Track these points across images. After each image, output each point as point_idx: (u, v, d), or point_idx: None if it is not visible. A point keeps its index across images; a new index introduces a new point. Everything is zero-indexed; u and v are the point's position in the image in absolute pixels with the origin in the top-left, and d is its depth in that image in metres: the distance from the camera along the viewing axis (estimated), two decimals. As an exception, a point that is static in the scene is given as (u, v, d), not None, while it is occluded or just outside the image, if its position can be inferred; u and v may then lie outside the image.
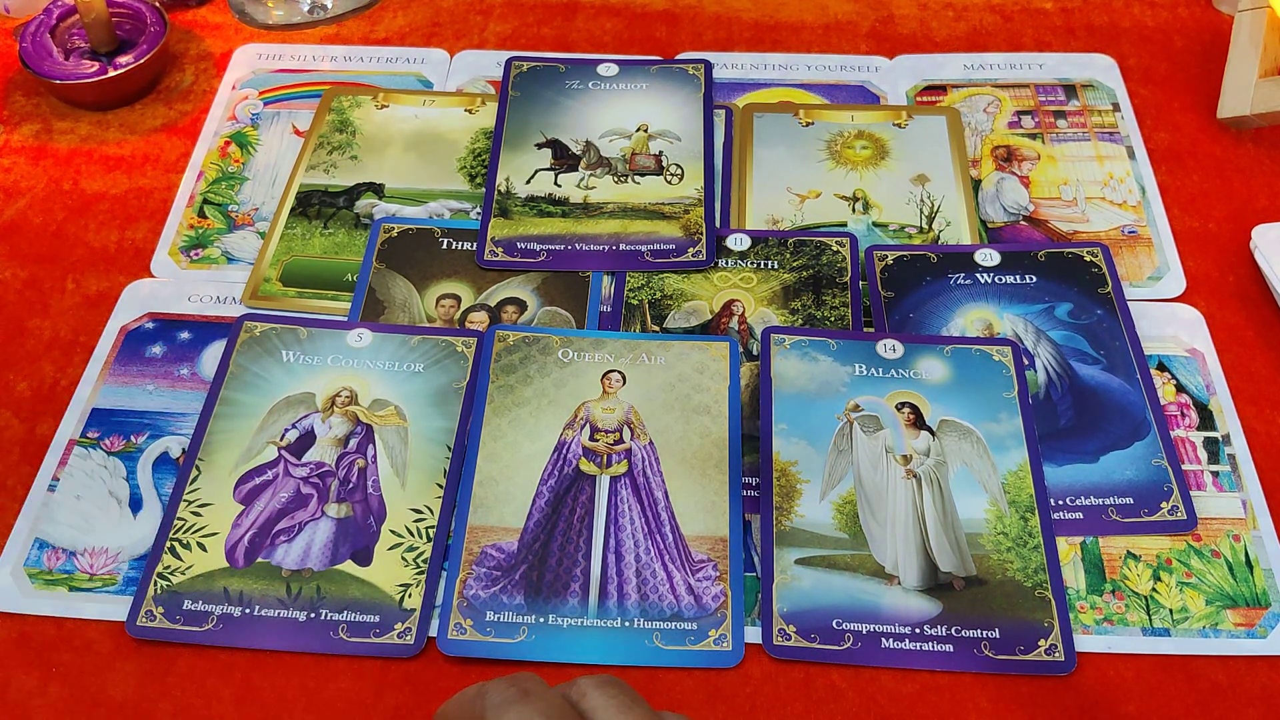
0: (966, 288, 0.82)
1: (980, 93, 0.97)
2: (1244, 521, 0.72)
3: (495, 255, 0.84)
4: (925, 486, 0.72)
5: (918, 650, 0.66)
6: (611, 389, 0.76)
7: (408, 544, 0.70)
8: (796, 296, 0.82)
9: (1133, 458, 0.74)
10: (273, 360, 0.78)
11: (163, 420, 0.76)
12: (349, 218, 0.88)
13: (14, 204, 0.89)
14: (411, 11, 1.04)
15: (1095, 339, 0.79)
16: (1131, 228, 0.87)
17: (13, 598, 0.69)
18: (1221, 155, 0.92)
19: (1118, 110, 0.95)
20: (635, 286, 0.83)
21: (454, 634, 0.66)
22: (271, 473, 0.73)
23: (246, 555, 0.69)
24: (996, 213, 0.88)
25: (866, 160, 0.92)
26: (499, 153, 0.91)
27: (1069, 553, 0.70)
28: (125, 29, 0.98)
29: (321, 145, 0.92)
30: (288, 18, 1.04)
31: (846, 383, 0.76)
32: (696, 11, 1.04)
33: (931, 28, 1.03)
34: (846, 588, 0.68)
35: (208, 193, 0.90)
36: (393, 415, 0.75)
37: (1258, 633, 0.67)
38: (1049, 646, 0.66)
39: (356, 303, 0.82)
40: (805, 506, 0.71)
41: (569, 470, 0.73)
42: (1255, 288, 0.83)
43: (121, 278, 0.84)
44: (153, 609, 0.67)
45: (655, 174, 0.90)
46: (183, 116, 0.96)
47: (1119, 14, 1.04)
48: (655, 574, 0.69)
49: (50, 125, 0.95)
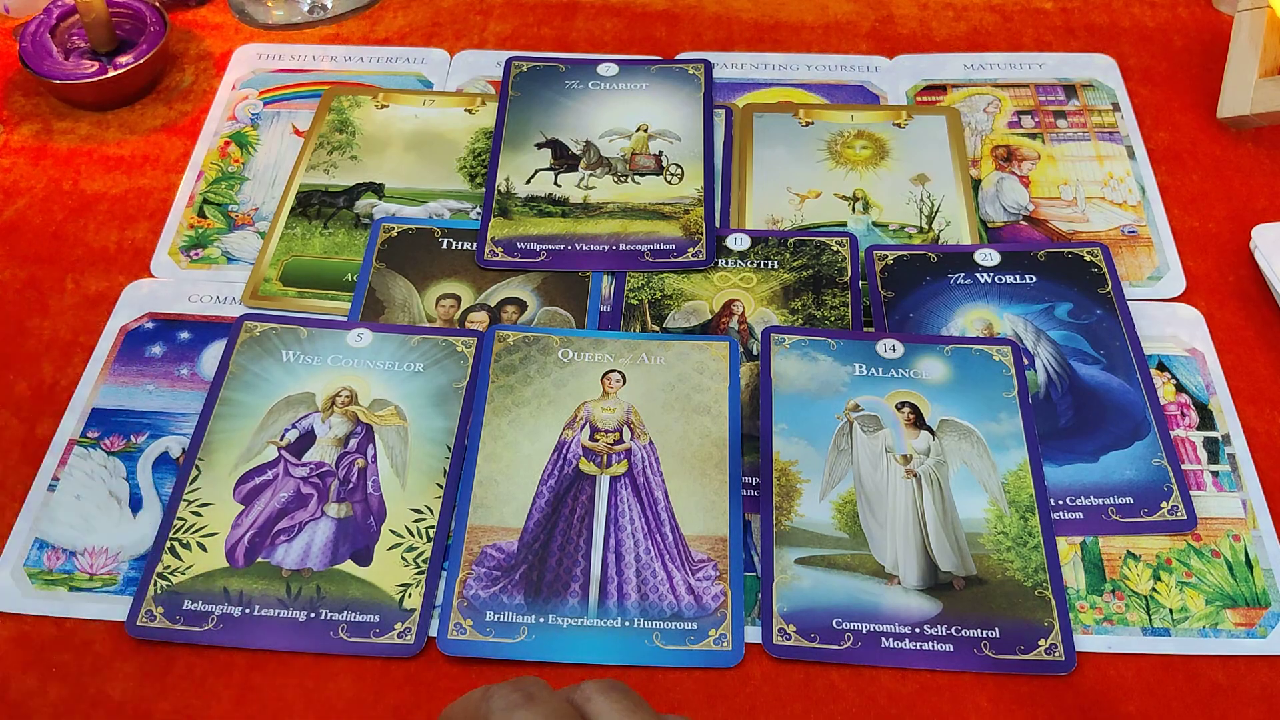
0: (966, 288, 0.82)
1: (980, 93, 0.97)
2: (1244, 521, 0.72)
3: (495, 255, 0.84)
4: (925, 486, 0.72)
5: (918, 650, 0.66)
6: (611, 389, 0.76)
7: (408, 544, 0.70)
8: (796, 296, 0.82)
9: (1133, 458, 0.74)
10: (273, 360, 0.78)
11: (163, 420, 0.76)
12: (349, 218, 0.88)
13: (14, 204, 0.89)
14: (411, 11, 1.04)
15: (1095, 339, 0.79)
16: (1131, 228, 0.87)
17: (13, 598, 0.69)
18: (1221, 155, 0.92)
19: (1118, 110, 0.95)
20: (635, 286, 0.83)
21: (454, 634, 0.66)
22: (271, 473, 0.73)
23: (246, 555, 0.69)
24: (996, 213, 0.88)
25: (866, 160, 0.91)
26: (499, 153, 0.91)
27: (1069, 552, 0.70)
28: (125, 29, 0.98)
29: (321, 145, 0.92)
30: (288, 18, 1.04)
31: (846, 382, 0.76)
32: (696, 11, 1.04)
33: (931, 28, 1.03)
34: (846, 587, 0.68)
35: (208, 193, 0.90)
36: (393, 415, 0.75)
37: (1258, 632, 0.67)
38: (1049, 646, 0.66)
39: (356, 303, 0.82)
40: (805, 506, 0.71)
41: (569, 470, 0.73)
42: (1255, 288, 0.83)
43: (121, 278, 0.84)
44: (153, 609, 0.67)
45: (655, 174, 0.90)
46: (183, 116, 0.96)
47: (1119, 14, 1.04)
48: (655, 574, 0.69)
49: (50, 125, 0.95)
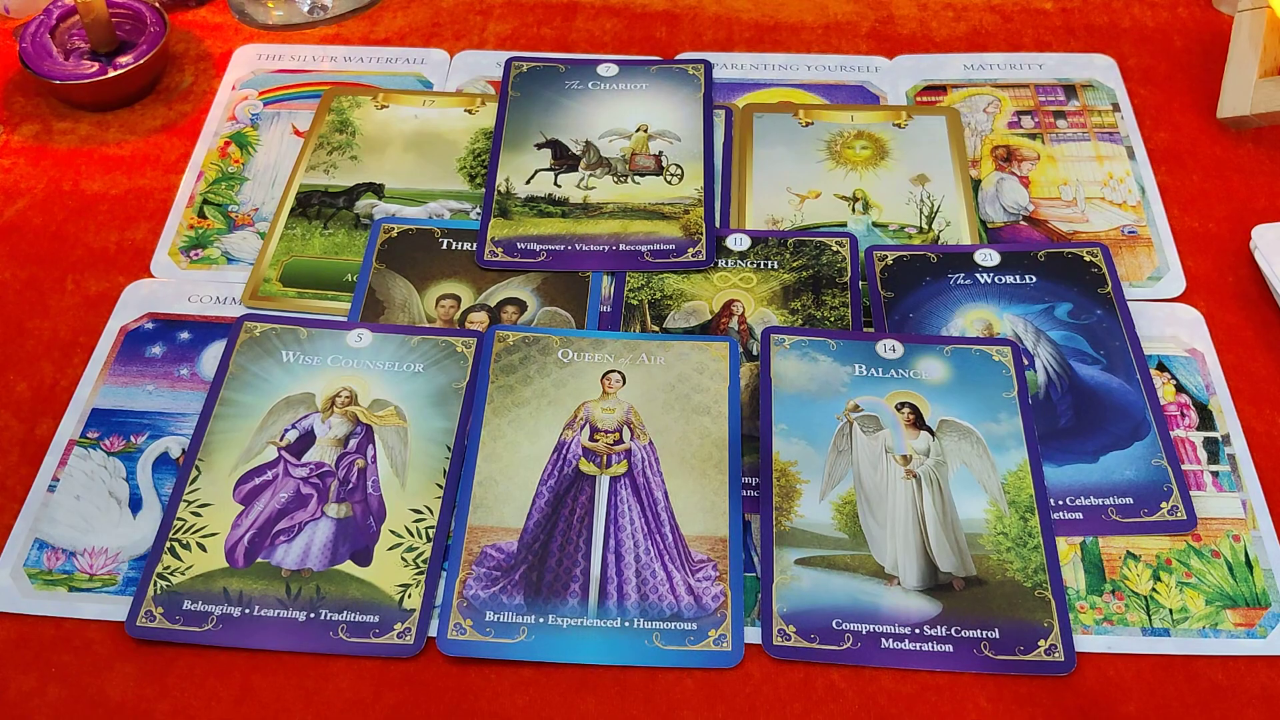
0: (966, 288, 0.82)
1: (980, 93, 0.97)
2: (1244, 521, 0.72)
3: (495, 255, 0.84)
4: (925, 486, 0.72)
5: (917, 650, 0.66)
6: (611, 389, 0.76)
7: (407, 544, 0.70)
8: (796, 296, 0.82)
9: (1132, 458, 0.74)
10: (273, 360, 0.78)
11: (163, 420, 0.76)
12: (349, 218, 0.88)
13: (14, 204, 0.89)
14: (411, 11, 1.04)
15: (1095, 339, 0.79)
16: (1131, 228, 0.87)
17: (13, 598, 0.69)
18: (1221, 155, 0.92)
19: (1117, 110, 0.95)
20: (635, 286, 0.83)
21: (454, 634, 0.66)
22: (271, 473, 0.73)
23: (246, 555, 0.69)
24: (996, 213, 0.88)
25: (866, 160, 0.91)
26: (499, 153, 0.91)
27: (1069, 553, 0.70)
28: (125, 29, 0.98)
29: (321, 145, 0.92)
30: (288, 18, 1.04)
31: (846, 383, 0.76)
32: (696, 11, 1.04)
33: (931, 28, 1.03)
34: (846, 588, 0.68)
35: (208, 193, 0.90)
36: (392, 415, 0.75)
37: (1258, 633, 0.67)
38: (1049, 646, 0.66)
39: (356, 303, 0.82)
40: (805, 506, 0.71)
41: (569, 470, 0.73)
42: (1255, 288, 0.83)
43: (121, 278, 0.84)
44: (152, 609, 0.67)
45: (655, 174, 0.90)
46: (183, 117, 0.96)
47: (1119, 14, 1.04)
48: (655, 574, 0.69)
49: (50, 125, 0.95)
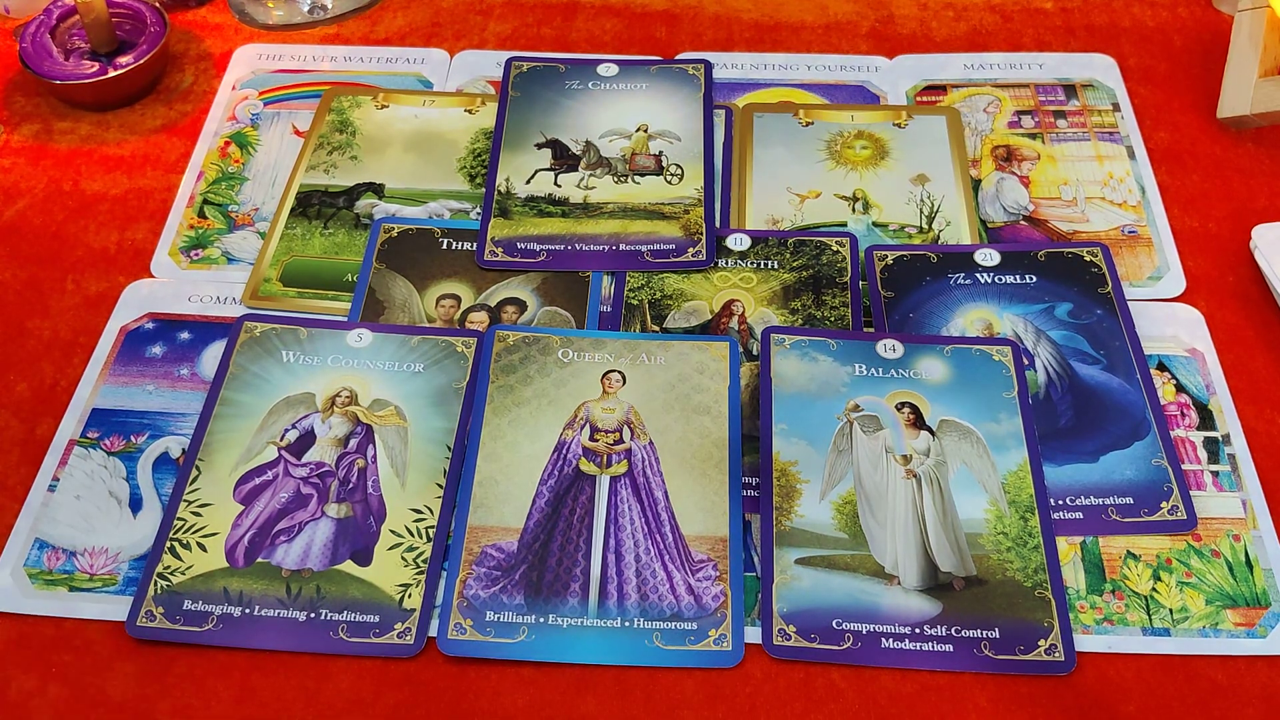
0: (966, 288, 0.82)
1: (980, 93, 0.97)
2: (1244, 521, 0.72)
3: (495, 255, 0.84)
4: (925, 486, 0.72)
5: (917, 650, 0.66)
6: (611, 389, 0.76)
7: (408, 544, 0.70)
8: (796, 296, 0.82)
9: (1133, 458, 0.74)
10: (273, 360, 0.78)
11: (163, 420, 0.76)
12: (349, 218, 0.88)
13: (14, 204, 0.89)
14: (411, 11, 1.04)
15: (1095, 339, 0.79)
16: (1131, 228, 0.87)
17: (13, 598, 0.69)
18: (1221, 155, 0.92)
19: (1118, 110, 0.95)
20: (635, 286, 0.83)
21: (454, 634, 0.66)
22: (271, 473, 0.73)
23: (246, 555, 0.69)
24: (996, 213, 0.88)
25: (866, 160, 0.91)
26: (499, 153, 0.91)
27: (1069, 553, 0.70)
28: (125, 29, 0.98)
29: (321, 145, 0.92)
30: (288, 18, 1.04)
31: (846, 383, 0.76)
32: (696, 11, 1.04)
33: (931, 28, 1.03)
34: (846, 588, 0.68)
35: (208, 193, 0.90)
36: (393, 415, 0.75)
37: (1258, 632, 0.67)
38: (1049, 646, 0.66)
39: (356, 303, 0.82)
40: (805, 506, 0.71)
41: (569, 470, 0.73)
42: (1255, 288, 0.83)
43: (121, 278, 0.84)
44: (153, 609, 0.67)
45: (655, 174, 0.90)
46: (183, 117, 0.96)
47: (1119, 14, 1.04)
48: (655, 574, 0.69)
49: (50, 125, 0.95)
